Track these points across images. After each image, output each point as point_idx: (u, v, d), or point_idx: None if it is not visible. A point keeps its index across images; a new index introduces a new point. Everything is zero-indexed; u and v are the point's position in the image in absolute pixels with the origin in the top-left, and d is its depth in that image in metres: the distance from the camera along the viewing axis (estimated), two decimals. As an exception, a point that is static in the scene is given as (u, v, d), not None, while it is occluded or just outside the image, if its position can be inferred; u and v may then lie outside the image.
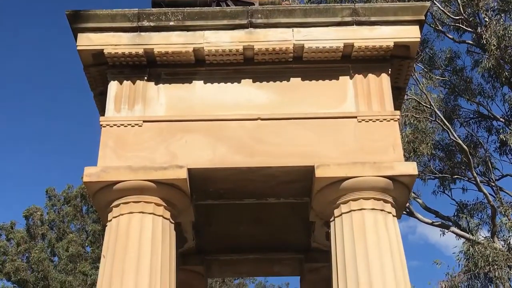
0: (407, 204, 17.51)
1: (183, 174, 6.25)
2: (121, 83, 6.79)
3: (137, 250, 5.89)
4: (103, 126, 6.56)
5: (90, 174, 6.22)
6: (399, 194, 6.48)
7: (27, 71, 53.16)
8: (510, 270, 16.25)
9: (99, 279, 6.02)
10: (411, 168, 6.38)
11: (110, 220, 6.24)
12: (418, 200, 20.06)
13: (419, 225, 57.59)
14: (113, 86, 6.80)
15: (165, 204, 6.29)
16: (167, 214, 6.33)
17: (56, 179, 57.37)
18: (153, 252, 5.93)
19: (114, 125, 6.53)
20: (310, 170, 6.42)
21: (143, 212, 6.13)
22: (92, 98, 7.45)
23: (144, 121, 6.59)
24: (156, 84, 6.84)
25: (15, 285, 24.81)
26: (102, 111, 7.03)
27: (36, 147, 55.79)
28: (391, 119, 6.63)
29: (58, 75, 57.28)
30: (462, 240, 18.19)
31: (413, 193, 19.44)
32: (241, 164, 6.47)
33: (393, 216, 6.41)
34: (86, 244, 25.53)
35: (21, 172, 53.93)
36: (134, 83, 6.78)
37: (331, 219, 6.54)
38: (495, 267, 15.95)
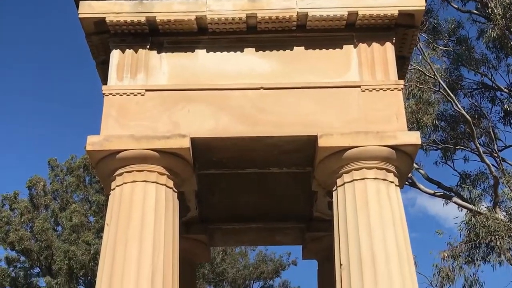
0: (410, 175, 17.57)
1: (186, 143, 6.25)
2: (123, 52, 6.75)
3: (141, 218, 5.92)
4: (106, 95, 6.54)
5: (93, 143, 6.22)
6: (402, 164, 6.47)
7: (26, 41, 52.87)
8: (511, 240, 16.36)
9: (102, 247, 6.06)
10: (414, 137, 6.36)
11: (113, 189, 6.26)
12: (421, 171, 20.09)
13: (419, 197, 57.72)
14: (115, 55, 6.77)
15: (168, 173, 6.30)
16: (170, 183, 6.35)
17: (59, 150, 57.46)
18: (156, 221, 5.96)
19: (117, 94, 6.52)
20: (313, 139, 6.42)
21: (146, 181, 6.15)
22: (95, 67, 7.42)
23: (146, 90, 6.57)
24: (159, 53, 6.80)
25: (19, 254, 25.09)
26: (104, 80, 7.00)
27: (38, 117, 55.78)
28: (395, 89, 6.60)
29: (59, 43, 56.94)
30: (463, 211, 18.28)
31: (416, 164, 19.45)
32: (243, 134, 6.46)
33: (396, 185, 6.42)
34: (89, 214, 25.70)
35: (24, 142, 54.05)
36: (136, 52, 6.74)
37: (333, 189, 6.55)
38: (497, 237, 16.04)
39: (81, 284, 24.62)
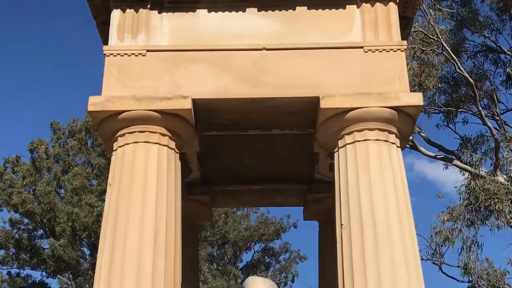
0: (411, 138, 17.57)
1: (187, 104, 6.24)
2: (124, 12, 6.69)
3: (143, 179, 5.95)
4: (107, 55, 6.50)
5: (95, 103, 6.21)
6: (404, 125, 6.47)
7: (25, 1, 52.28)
8: (510, 203, 16.45)
9: (105, 208, 6.11)
10: (417, 98, 6.35)
11: (116, 150, 6.28)
12: (422, 134, 20.09)
13: (417, 162, 57.83)
14: (116, 15, 6.70)
15: (170, 134, 6.31)
16: (172, 144, 6.36)
17: (61, 113, 57.40)
18: (158, 181, 5.99)
19: (118, 54, 6.48)
20: (315, 101, 6.40)
21: (148, 142, 6.16)
22: (96, 27, 7.36)
23: (147, 51, 6.52)
24: (160, 12, 6.73)
25: (22, 216, 25.31)
26: (105, 41, 6.95)
27: (40, 81, 55.53)
28: (398, 49, 6.55)
29: (60, 3, 56.32)
30: (462, 175, 18.34)
31: (417, 127, 19.45)
32: (245, 95, 6.45)
33: (397, 147, 6.43)
34: (92, 178, 25.82)
35: (26, 106, 53.96)
36: (137, 12, 6.67)
37: (335, 150, 6.57)
38: (496, 200, 16.13)
39: (85, 245, 24.90)
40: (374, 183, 6.02)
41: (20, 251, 25.12)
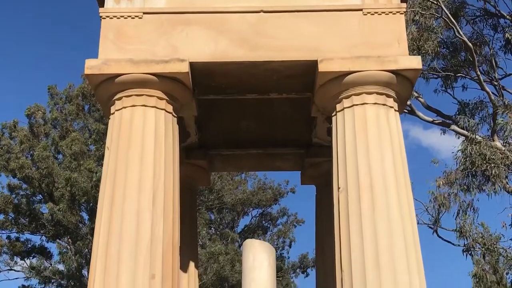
0: (409, 103, 17.54)
1: (184, 67, 6.21)
2: (120, -27, 6.59)
3: (141, 142, 5.95)
4: (103, 18, 6.43)
5: (92, 66, 6.17)
6: (402, 89, 6.45)
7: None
8: (507, 168, 16.52)
9: (103, 171, 6.13)
10: (415, 62, 6.32)
11: (113, 113, 6.27)
12: (420, 99, 20.06)
13: (412, 129, 57.84)
14: (111, -24, 6.60)
15: (167, 98, 6.29)
16: (170, 108, 6.34)
17: (57, 79, 57.06)
18: (156, 144, 5.99)
19: (114, 16, 6.41)
20: (313, 64, 6.36)
21: (145, 106, 6.15)
22: (91, -11, 7.27)
23: (144, 13, 6.46)
24: (156, -26, 6.63)
25: (20, 181, 25.40)
26: (101, 3, 6.86)
27: (37, 45, 55.00)
28: (397, 12, 6.49)
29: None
30: (458, 142, 18.38)
31: (415, 92, 19.41)
32: (243, 58, 6.40)
33: (395, 110, 6.43)
34: (90, 143, 25.83)
35: (23, 71, 53.59)
36: (133, -27, 6.57)
37: (333, 114, 6.56)
38: (492, 165, 16.19)
39: (84, 210, 25.06)
40: (372, 147, 6.03)
41: (19, 216, 25.28)
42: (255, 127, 8.24)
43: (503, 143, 17.65)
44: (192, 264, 8.18)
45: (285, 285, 39.49)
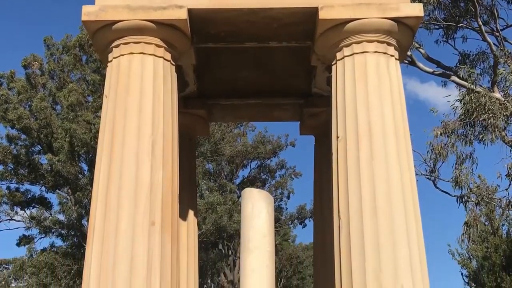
0: (409, 53, 17.38)
1: (183, 14, 6.11)
2: None
3: (139, 90, 5.91)
4: (100, -37, 6.29)
5: (89, 13, 6.08)
6: (403, 37, 6.38)
7: None
8: (505, 118, 16.48)
9: (102, 119, 6.11)
10: (417, 9, 6.23)
11: (111, 61, 6.21)
12: (421, 50, 19.84)
13: (409, 83, 57.53)
14: None
15: (165, 46, 6.22)
16: (168, 56, 6.28)
17: (55, 33, 56.34)
18: (155, 93, 5.96)
19: (111, -39, 6.26)
20: (314, 11, 6.27)
21: (143, 53, 6.08)
22: None
23: (141, -42, 6.30)
24: None
25: (19, 132, 25.39)
26: None
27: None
28: (399, -42, 6.35)
29: None
30: (456, 94, 18.25)
31: (416, 43, 19.19)
32: (242, 5, 6.30)
33: (396, 59, 6.37)
34: (87, 94, 25.70)
35: (19, 23, 52.85)
36: None
37: (332, 63, 6.50)
38: (491, 115, 16.15)
39: (83, 161, 25.15)
40: (371, 95, 6.00)
41: (18, 166, 25.37)
42: (254, 77, 8.18)
43: (503, 94, 17.57)
44: (191, 213, 8.25)
45: (283, 235, 40.07)
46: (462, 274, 34.12)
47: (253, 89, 8.39)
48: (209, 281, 37.63)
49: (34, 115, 24.53)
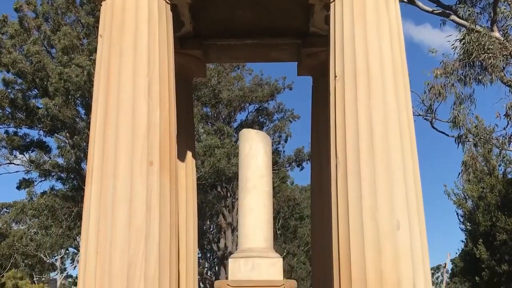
0: (408, -8, 17.06)
1: (177, -50, 5.95)
2: None
3: (134, 29, 5.82)
4: None
5: (80, -50, 5.91)
6: (403, -27, 6.25)
7: None
8: (504, 58, 16.29)
9: (97, 59, 6.04)
10: None
11: (105, 0, 6.07)
12: (420, -12, 19.48)
13: (403, 25, 56.56)
14: None
15: (159, -17, 6.07)
16: (163, -6, 6.14)
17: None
18: (150, 32, 5.86)
19: None
20: None
21: (137, -9, 5.93)
22: None
23: None
24: None
25: (15, 76, 25.16)
26: None
27: None
28: None
29: None
30: (452, 37, 17.92)
31: (416, -19, 18.78)
32: None
33: (395, -3, 6.25)
34: (82, 37, 25.33)
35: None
36: None
37: (331, 0, 6.38)
38: (490, 55, 15.96)
39: (79, 105, 25.05)
40: (370, 34, 5.92)
41: (16, 110, 25.28)
42: (251, 16, 8.04)
43: (503, 34, 17.33)
44: (189, 154, 8.28)
45: (281, 177, 40.42)
46: (457, 214, 34.59)
47: (250, 29, 8.27)
48: (208, 222, 38.18)
49: (28, 59, 24.27)
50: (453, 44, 16.91)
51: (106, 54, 5.86)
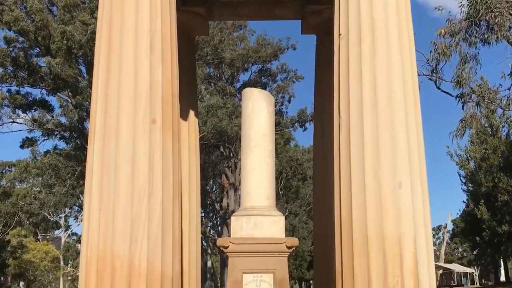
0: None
1: None
2: None
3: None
4: None
5: None
6: None
7: None
8: (511, 17, 16.05)
9: (99, 15, 5.96)
10: None
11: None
12: None
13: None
14: None
15: None
16: None
17: None
18: (151, -13, 5.75)
19: None
20: None
21: None
22: None
23: None
24: None
25: (17, 34, 24.92)
26: None
27: None
28: None
29: None
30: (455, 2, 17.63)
31: None
32: None
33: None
34: (84, -6, 25.04)
35: None
36: None
37: (336, -43, 6.25)
38: (497, 13, 15.72)
39: (81, 64, 24.88)
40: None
41: (17, 69, 25.14)
42: (254, -28, 7.91)
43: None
44: (192, 113, 8.25)
45: (285, 139, 40.45)
46: (459, 175, 34.77)
47: (254, -14, 8.14)
48: (211, 182, 38.41)
49: (30, 17, 24.03)
50: (460, 2, 16.66)
51: (108, 10, 5.77)
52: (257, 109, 7.55)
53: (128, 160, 5.44)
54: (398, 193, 5.38)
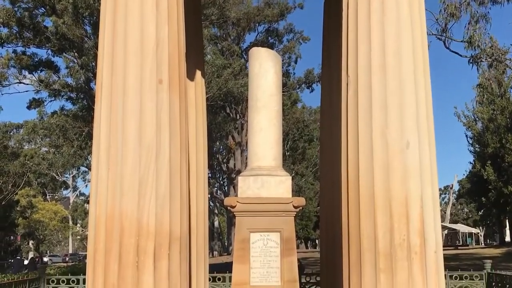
0: None
1: None
2: None
3: None
4: None
5: None
6: None
7: None
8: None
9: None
10: None
11: None
12: None
13: None
14: None
15: None
16: None
17: None
18: None
19: None
20: None
21: None
22: None
23: None
24: None
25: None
26: None
27: None
28: None
29: None
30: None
31: None
32: None
33: None
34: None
35: None
36: None
37: None
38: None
39: (87, 24, 24.74)
40: None
41: (23, 29, 25.03)
42: None
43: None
44: (198, 73, 8.21)
45: (293, 101, 40.33)
46: (466, 136, 34.69)
47: None
48: (217, 143, 38.52)
49: (35, -24, 23.82)
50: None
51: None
52: (264, 69, 7.50)
53: (135, 119, 5.43)
54: (405, 153, 5.37)
